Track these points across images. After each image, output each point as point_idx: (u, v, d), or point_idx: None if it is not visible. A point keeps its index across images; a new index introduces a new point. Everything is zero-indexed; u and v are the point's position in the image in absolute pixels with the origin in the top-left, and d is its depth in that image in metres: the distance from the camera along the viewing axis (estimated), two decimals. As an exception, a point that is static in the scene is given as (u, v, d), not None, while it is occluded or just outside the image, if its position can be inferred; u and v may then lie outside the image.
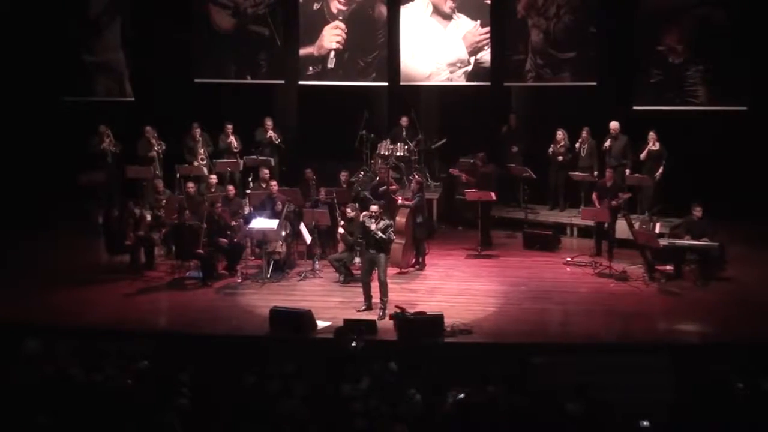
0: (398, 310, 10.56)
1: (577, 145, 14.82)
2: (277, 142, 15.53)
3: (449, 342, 10.22)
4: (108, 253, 13.02)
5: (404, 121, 15.85)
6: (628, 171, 14.29)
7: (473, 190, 13.79)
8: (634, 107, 14.84)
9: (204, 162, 15.30)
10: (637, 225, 13.17)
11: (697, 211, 12.40)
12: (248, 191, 14.42)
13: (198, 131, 15.36)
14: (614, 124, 14.47)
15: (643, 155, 14.28)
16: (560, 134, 15.03)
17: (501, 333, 10.56)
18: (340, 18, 16.37)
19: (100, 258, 13.28)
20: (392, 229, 11.31)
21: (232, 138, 15.44)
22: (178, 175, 14.92)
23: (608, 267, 12.70)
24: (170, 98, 15.85)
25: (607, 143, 14.48)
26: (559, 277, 12.76)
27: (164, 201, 13.94)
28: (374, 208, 11.16)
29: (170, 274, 12.66)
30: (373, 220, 11.06)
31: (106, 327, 10.69)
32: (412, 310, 10.68)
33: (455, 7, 16.07)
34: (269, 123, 15.61)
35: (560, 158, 15.05)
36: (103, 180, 15.11)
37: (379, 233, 10.94)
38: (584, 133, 14.79)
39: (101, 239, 13.43)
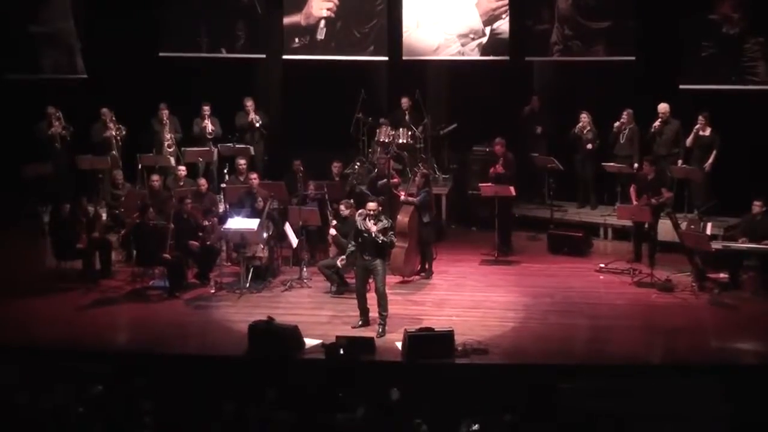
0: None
1: (615, 128, 14.82)
2: (258, 125, 15.55)
3: (461, 363, 10.22)
4: (56, 258, 13.02)
5: (407, 102, 15.86)
6: (680, 161, 14.32)
7: (489, 183, 13.80)
8: (681, 86, 14.84)
9: (171, 150, 15.32)
10: (684, 225, 13.17)
11: (757, 208, 12.42)
12: (223, 185, 14.43)
13: (166, 113, 15.39)
14: (664, 107, 14.47)
15: (690, 142, 14.31)
16: (584, 117, 15.02)
17: (522, 353, 10.57)
18: (332, -20, 16.45)
19: (48, 264, 13.27)
20: (393, 232, 11.30)
21: (207, 122, 15.48)
22: (140, 166, 14.94)
23: (649, 275, 12.72)
24: (130, 75, 15.85)
25: (656, 126, 14.45)
26: (591, 286, 12.77)
27: (123, 196, 13.95)
28: (372, 205, 11.14)
29: (130, 283, 12.67)
30: (370, 220, 11.03)
31: (55, 346, 10.69)
32: (417, 326, 10.69)
33: (468, -34, 16.14)
34: (250, 104, 15.64)
35: (589, 146, 15.06)
36: (50, 172, 15.12)
37: (380, 236, 10.92)
38: (625, 116, 14.76)
39: (48, 242, 13.42)
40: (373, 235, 10.94)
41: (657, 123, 14.48)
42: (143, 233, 12.55)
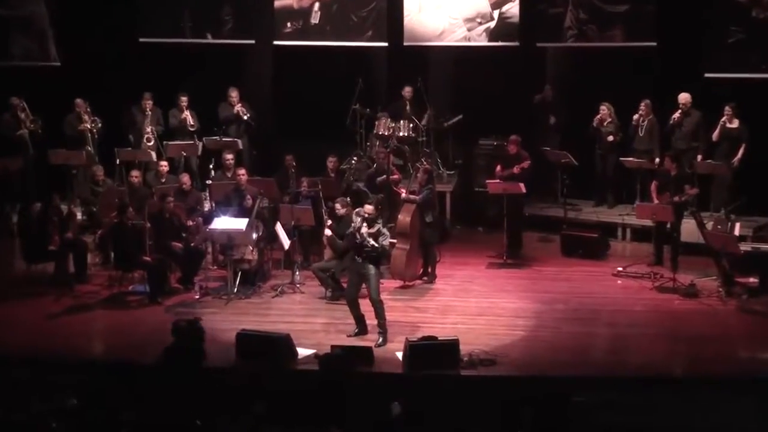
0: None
1: (634, 121, 14.84)
2: (246, 118, 15.55)
3: (467, 375, 10.23)
4: (26, 261, 13.02)
5: (409, 92, 15.88)
6: (699, 156, 14.34)
7: (497, 180, 13.80)
8: (706, 74, 14.88)
9: (152, 144, 15.32)
10: (710, 225, 13.19)
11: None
12: (209, 182, 14.44)
13: (149, 104, 15.41)
14: (685, 97, 14.50)
15: (716, 135, 14.33)
16: (604, 109, 15.07)
17: (533, 363, 10.59)
18: (327, -42, 16.46)
19: (17, 267, 13.28)
20: (388, 238, 11.26)
21: (186, 114, 15.48)
22: (118, 161, 14.95)
23: (672, 279, 12.74)
24: (107, 63, 15.86)
25: (676, 117, 14.48)
26: (608, 292, 12.80)
27: (100, 194, 13.93)
28: (369, 208, 11.10)
29: (108, 288, 12.67)
30: (363, 221, 10.99)
31: (25, 356, 10.67)
32: (419, 335, 10.69)
33: (474, -56, 16.16)
34: (234, 94, 15.65)
35: (610, 139, 15.08)
36: (19, 167, 15.12)
37: (371, 240, 10.89)
38: (643, 107, 14.81)
39: (17, 243, 13.41)
40: (359, 237, 10.86)
41: (677, 114, 14.50)
42: (122, 234, 12.54)
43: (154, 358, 10.26)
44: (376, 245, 10.92)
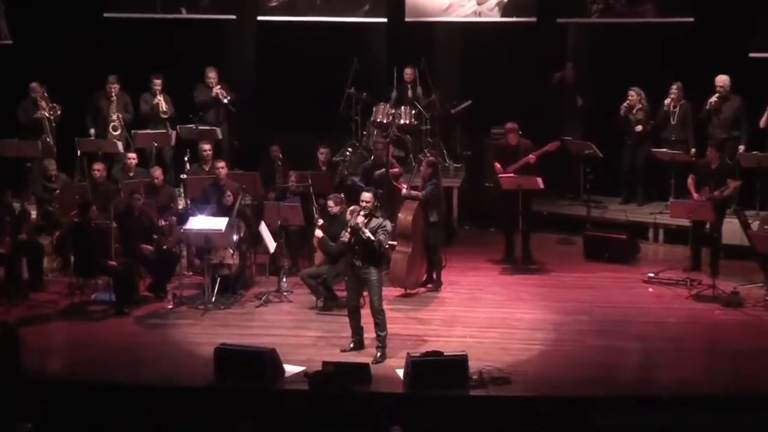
0: None
1: (665, 106, 14.84)
2: (225, 101, 15.56)
3: (476, 395, 10.19)
4: (-27, 266, 13.04)
5: (410, 74, 15.88)
6: (741, 147, 14.34)
7: (511, 174, 13.80)
8: (750, 54, 14.88)
9: (118, 134, 15.31)
10: (755, 225, 13.19)
11: None
12: (184, 176, 14.44)
13: (115, 88, 15.41)
14: (723, 79, 14.52)
15: (763, 122, 14.35)
16: (633, 94, 15.09)
17: (552, 382, 10.56)
18: None
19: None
20: (388, 230, 11.19)
21: (160, 98, 15.49)
22: (79, 153, 14.92)
23: (711, 287, 12.74)
24: (67, 42, 15.85)
25: (713, 102, 14.50)
26: (638, 301, 12.80)
27: (58, 190, 13.93)
28: (367, 195, 11.04)
29: (67, 296, 12.64)
30: (360, 215, 10.97)
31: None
32: (422, 349, 10.69)
33: None
34: (212, 75, 15.65)
35: (638, 128, 15.09)
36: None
37: (366, 232, 10.84)
38: (674, 90, 14.84)
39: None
40: (360, 229, 10.79)
41: (713, 99, 14.53)
42: (83, 235, 12.51)
43: (119, 377, 10.31)
44: (373, 239, 10.85)
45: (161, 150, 15.42)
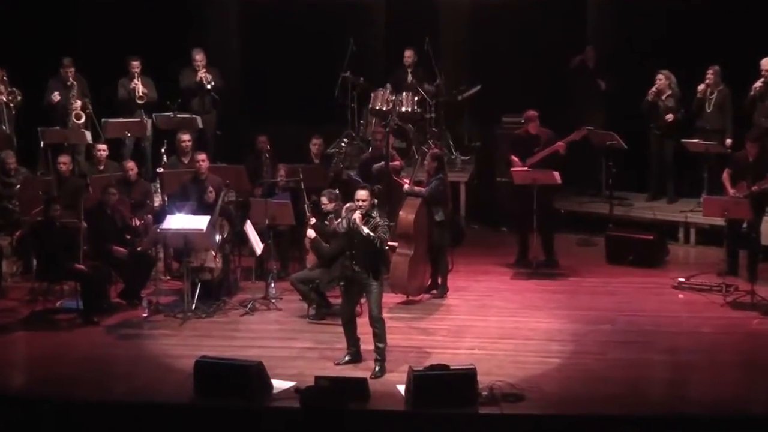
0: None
1: (700, 92, 14.84)
2: (209, 87, 15.57)
3: (486, 414, 10.18)
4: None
5: (411, 56, 15.88)
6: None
7: (525, 168, 13.81)
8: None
9: (83, 122, 15.30)
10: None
11: None
12: (161, 170, 14.45)
13: (71, 72, 15.39)
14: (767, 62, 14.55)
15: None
16: (662, 78, 15.10)
17: (571, 399, 10.53)
18: None
19: None
20: (386, 227, 11.18)
21: (137, 82, 15.52)
22: (42, 144, 14.93)
23: (749, 293, 12.75)
24: (27, 19, 15.83)
25: (757, 87, 14.49)
26: (667, 309, 12.80)
27: (18, 185, 13.92)
28: (362, 193, 10.99)
29: (29, 303, 12.66)
30: (356, 213, 10.96)
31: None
32: (426, 362, 10.70)
33: None
34: (200, 57, 15.68)
35: (669, 117, 15.09)
36: None
37: (364, 228, 10.82)
38: (710, 74, 14.85)
39: None
40: (357, 225, 10.79)
41: (758, 84, 14.55)
42: (47, 235, 12.50)
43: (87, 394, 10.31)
44: (372, 235, 10.80)
45: (138, 141, 15.40)
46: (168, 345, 11.73)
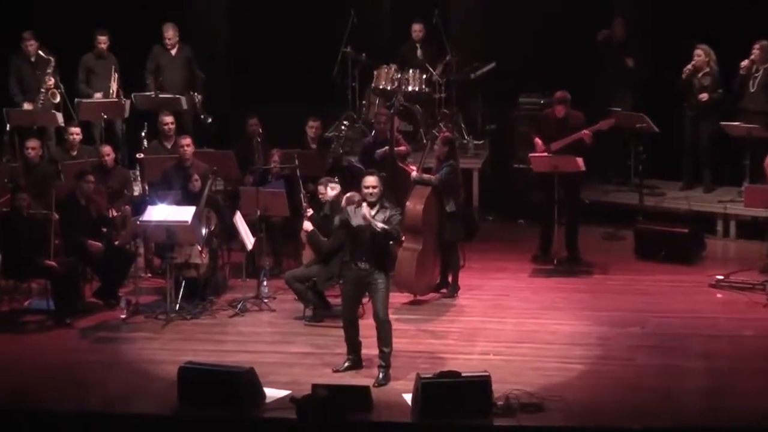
0: None
1: (743, 69, 14.84)
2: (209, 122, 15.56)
3: (502, 425, 10.17)
4: None
5: (419, 30, 15.87)
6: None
7: (544, 154, 13.78)
8: None
9: (55, 102, 15.28)
10: None
11: None
12: (140, 155, 14.44)
13: (33, 46, 15.35)
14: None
15: None
16: (701, 53, 15.07)
17: (596, 410, 10.52)
18: None
19: None
20: (399, 217, 11.17)
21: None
22: (8, 127, 14.94)
23: (794, 292, 12.78)
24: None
25: None
26: (704, 309, 12.80)
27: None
28: (371, 179, 10.94)
29: (-5, 303, 12.71)
30: (365, 207, 10.94)
31: None
32: (435, 369, 10.67)
33: None
34: (170, 34, 15.62)
35: (703, 96, 15.06)
36: None
37: (378, 223, 10.80)
38: (756, 50, 14.84)
39: None
40: (370, 222, 10.77)
41: None
42: (14, 228, 12.50)
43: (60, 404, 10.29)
44: (388, 228, 10.77)
45: (112, 123, 15.38)
46: (149, 350, 11.73)
